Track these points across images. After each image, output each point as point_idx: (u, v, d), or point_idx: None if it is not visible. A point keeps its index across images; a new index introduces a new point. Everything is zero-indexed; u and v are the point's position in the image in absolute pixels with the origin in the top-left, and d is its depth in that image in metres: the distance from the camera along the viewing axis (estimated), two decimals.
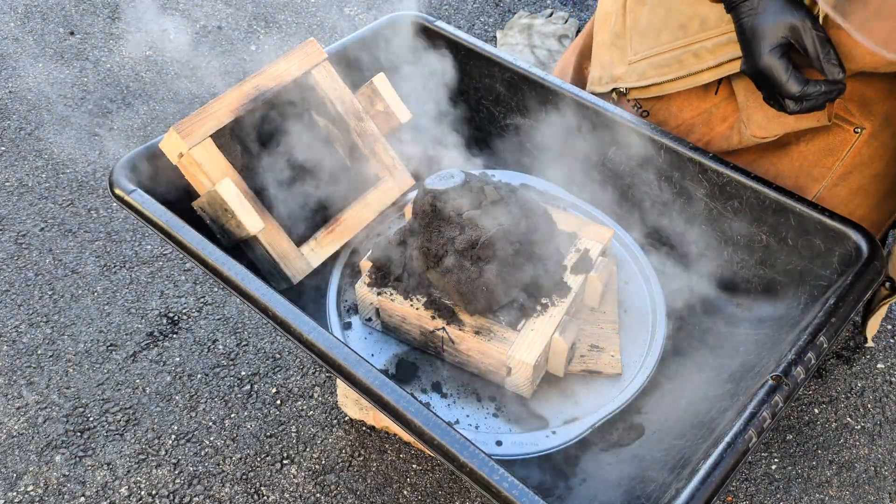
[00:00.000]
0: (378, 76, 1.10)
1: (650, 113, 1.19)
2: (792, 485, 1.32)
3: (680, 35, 1.08)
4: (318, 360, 0.81)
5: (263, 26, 2.41)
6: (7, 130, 2.01)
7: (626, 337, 1.03)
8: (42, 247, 1.71)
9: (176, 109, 2.10)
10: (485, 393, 0.96)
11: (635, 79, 1.15)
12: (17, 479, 1.32)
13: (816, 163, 1.08)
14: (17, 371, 1.48)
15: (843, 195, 1.09)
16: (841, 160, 1.06)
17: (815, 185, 1.09)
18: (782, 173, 1.11)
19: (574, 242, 1.03)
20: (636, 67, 1.15)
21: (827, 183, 1.08)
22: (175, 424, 1.39)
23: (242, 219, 0.95)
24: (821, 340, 0.82)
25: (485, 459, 0.70)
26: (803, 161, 1.09)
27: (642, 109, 1.19)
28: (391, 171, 1.11)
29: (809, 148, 1.08)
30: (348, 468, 1.32)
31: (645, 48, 1.14)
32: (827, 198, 1.09)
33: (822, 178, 1.08)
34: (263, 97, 1.03)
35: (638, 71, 1.15)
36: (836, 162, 1.06)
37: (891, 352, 1.53)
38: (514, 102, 1.22)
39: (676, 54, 1.09)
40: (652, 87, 1.14)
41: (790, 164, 1.10)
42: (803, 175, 1.09)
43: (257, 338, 1.53)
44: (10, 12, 2.42)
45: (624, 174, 1.15)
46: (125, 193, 0.95)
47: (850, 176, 1.07)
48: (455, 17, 2.46)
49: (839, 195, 1.09)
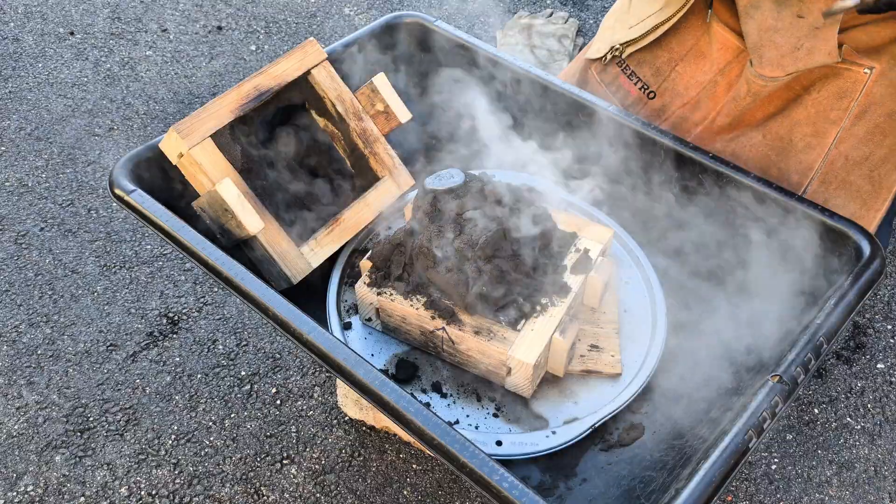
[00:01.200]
0: (378, 76, 1.10)
1: (657, 94, 1.21)
2: (792, 485, 1.32)
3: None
4: (319, 361, 0.81)
5: (263, 26, 2.41)
6: (7, 130, 2.01)
7: (626, 337, 1.03)
8: (42, 247, 1.71)
9: (176, 109, 2.10)
10: (485, 393, 0.96)
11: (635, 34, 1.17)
12: (17, 479, 1.32)
13: (832, 106, 1.11)
14: (17, 371, 1.48)
15: (860, 134, 1.11)
16: (856, 100, 1.09)
17: (833, 127, 1.12)
18: (799, 121, 1.13)
19: (574, 242, 1.03)
20: (636, 28, 1.18)
21: (845, 124, 1.11)
22: (175, 424, 1.39)
23: (242, 219, 0.95)
24: (821, 340, 0.82)
25: (485, 459, 0.70)
26: (818, 107, 1.12)
27: (649, 90, 1.21)
28: (391, 171, 1.11)
29: (822, 94, 1.11)
30: (348, 468, 1.32)
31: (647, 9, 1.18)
32: (846, 138, 1.11)
33: (839, 121, 1.11)
34: (263, 97, 1.03)
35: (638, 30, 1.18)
36: (850, 103, 1.09)
37: (891, 352, 1.53)
38: (513, 103, 1.22)
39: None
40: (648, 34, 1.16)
41: (805, 112, 1.12)
42: (820, 120, 1.12)
43: (257, 338, 1.53)
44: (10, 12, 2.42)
45: (624, 173, 1.15)
46: (125, 193, 0.95)
47: (865, 115, 1.10)
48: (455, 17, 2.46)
49: (857, 134, 1.11)
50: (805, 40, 1.04)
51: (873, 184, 1.13)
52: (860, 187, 1.13)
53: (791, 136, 1.14)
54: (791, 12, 1.03)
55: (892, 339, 1.55)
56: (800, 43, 1.05)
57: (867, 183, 1.13)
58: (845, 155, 1.12)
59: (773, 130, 1.15)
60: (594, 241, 1.04)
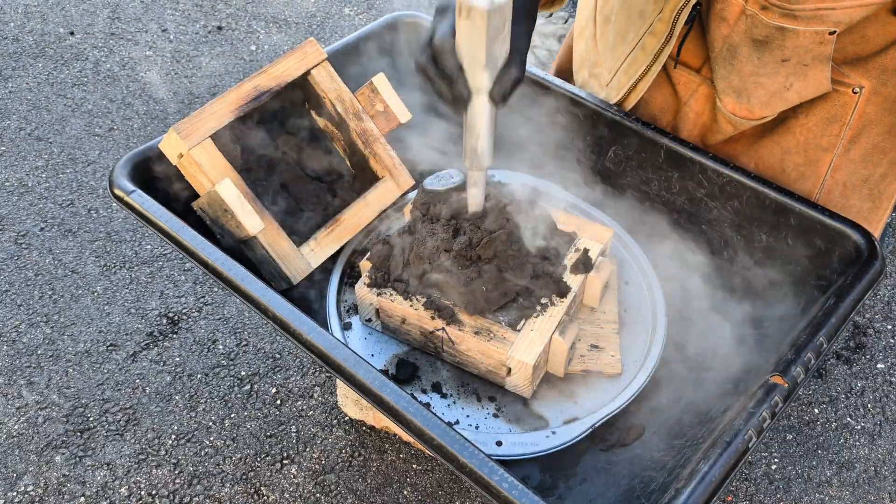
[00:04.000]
0: (378, 76, 1.10)
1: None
2: (792, 485, 1.32)
3: (641, 23, 1.06)
4: (319, 361, 0.81)
5: (263, 26, 2.41)
6: (7, 130, 2.01)
7: (627, 337, 1.03)
8: (42, 247, 1.71)
9: (176, 109, 2.10)
10: (485, 393, 0.96)
11: (613, 95, 1.14)
12: (17, 479, 1.32)
13: (822, 132, 1.04)
14: (17, 371, 1.48)
15: (857, 158, 1.05)
16: (847, 125, 1.02)
17: (825, 154, 1.05)
18: (790, 150, 1.07)
19: (574, 242, 1.03)
20: (613, 85, 1.14)
21: (839, 150, 1.04)
22: (175, 424, 1.39)
23: (242, 219, 0.95)
24: (821, 340, 0.82)
25: (485, 460, 0.70)
26: (808, 134, 1.05)
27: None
28: (391, 171, 1.11)
29: (811, 119, 1.04)
30: (348, 468, 1.32)
31: (616, 59, 1.12)
32: (841, 165, 1.05)
33: (832, 148, 1.04)
34: (263, 97, 1.03)
35: (614, 87, 1.14)
36: (842, 128, 1.03)
37: (891, 352, 1.53)
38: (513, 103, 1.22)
39: (641, 43, 1.07)
40: (630, 95, 1.13)
41: (795, 140, 1.06)
42: (811, 147, 1.06)
43: (257, 338, 1.53)
44: (10, 12, 2.42)
45: (624, 174, 1.15)
46: (125, 193, 0.95)
47: (861, 137, 1.03)
48: None
49: (854, 159, 1.05)
50: (794, 79, 0.98)
51: (874, 200, 1.10)
52: (860, 208, 1.10)
53: (783, 165, 1.09)
54: (773, 57, 0.97)
55: (892, 339, 1.55)
56: (788, 82, 0.99)
57: (867, 202, 1.09)
58: (843, 182, 1.07)
59: (764, 160, 1.10)
60: (594, 241, 1.04)
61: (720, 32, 1.01)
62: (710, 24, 1.02)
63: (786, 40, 0.94)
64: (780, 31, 0.94)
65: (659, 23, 1.04)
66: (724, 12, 0.98)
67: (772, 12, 0.93)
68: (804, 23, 0.92)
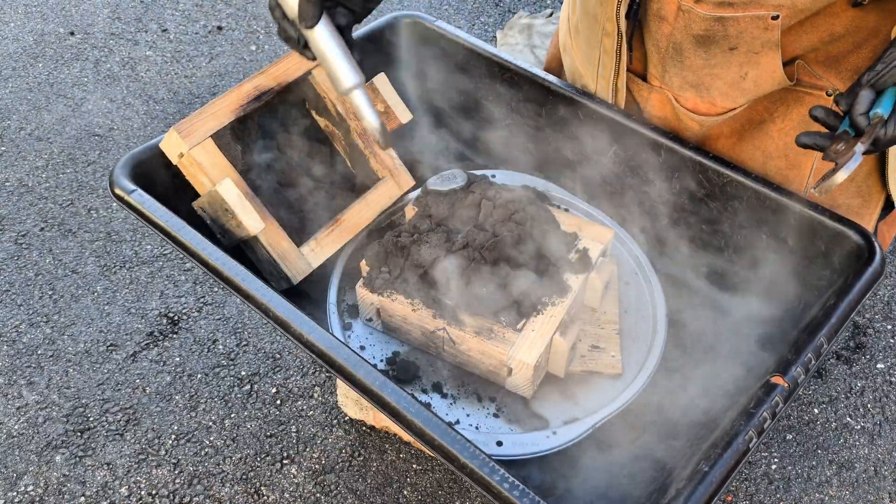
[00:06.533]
0: (378, 76, 1.10)
1: None
2: (792, 485, 1.32)
3: (596, 26, 1.08)
4: (319, 361, 0.81)
5: (263, 26, 2.41)
6: (7, 130, 2.01)
7: (627, 337, 1.03)
8: (42, 247, 1.71)
9: (176, 109, 2.10)
10: (485, 393, 0.96)
11: None
12: (17, 479, 1.32)
13: None
14: (17, 371, 1.48)
15: None
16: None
17: (807, 158, 1.05)
18: (771, 154, 1.08)
19: (574, 242, 1.03)
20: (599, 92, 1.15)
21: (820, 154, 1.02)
22: (175, 424, 1.39)
23: (243, 219, 0.95)
24: (821, 340, 0.82)
25: (485, 460, 0.70)
26: (787, 138, 1.05)
27: None
28: (391, 171, 1.11)
29: (787, 123, 1.05)
30: (348, 468, 1.32)
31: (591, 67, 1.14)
32: (824, 167, 1.04)
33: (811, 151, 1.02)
34: (264, 97, 1.03)
35: (601, 94, 1.15)
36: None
37: (891, 352, 1.53)
38: (514, 103, 1.22)
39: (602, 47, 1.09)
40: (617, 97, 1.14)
41: (774, 145, 1.07)
42: (791, 152, 1.06)
43: (257, 338, 1.53)
44: (10, 12, 2.42)
45: (624, 174, 1.15)
46: (125, 193, 0.95)
47: None
48: (455, 17, 2.46)
49: None
50: (748, 68, 0.99)
51: (862, 196, 1.09)
52: (850, 205, 1.09)
53: (765, 170, 1.09)
54: (720, 48, 0.97)
55: (892, 339, 1.56)
56: (743, 71, 0.99)
57: (856, 198, 1.09)
58: None
59: (746, 165, 1.09)
60: (594, 241, 1.04)
61: (663, 32, 1.02)
62: (651, 24, 1.03)
63: (728, 29, 0.95)
64: (721, 22, 0.94)
65: (608, 22, 1.06)
66: (662, 11, 1.00)
67: (706, 3, 0.94)
68: (742, 8, 0.92)
